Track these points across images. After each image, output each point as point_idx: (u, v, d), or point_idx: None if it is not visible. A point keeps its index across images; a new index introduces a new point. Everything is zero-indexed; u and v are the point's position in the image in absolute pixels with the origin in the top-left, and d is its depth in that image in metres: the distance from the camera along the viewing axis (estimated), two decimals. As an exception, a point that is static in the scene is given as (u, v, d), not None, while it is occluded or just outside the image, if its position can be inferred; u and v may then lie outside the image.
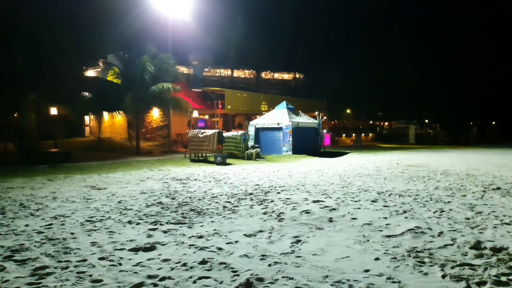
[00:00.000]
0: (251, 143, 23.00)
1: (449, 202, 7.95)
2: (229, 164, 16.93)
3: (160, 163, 17.36)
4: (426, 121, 49.03)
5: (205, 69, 56.26)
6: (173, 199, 8.47)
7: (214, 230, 5.87)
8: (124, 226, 6.00)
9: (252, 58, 44.58)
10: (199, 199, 8.36)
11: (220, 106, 34.46)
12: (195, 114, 27.36)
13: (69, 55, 21.23)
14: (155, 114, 30.44)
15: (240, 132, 20.63)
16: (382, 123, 55.03)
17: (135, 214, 6.85)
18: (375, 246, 5.09)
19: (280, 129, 22.31)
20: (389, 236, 5.52)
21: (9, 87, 19.94)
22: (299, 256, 4.63)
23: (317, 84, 44.87)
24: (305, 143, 22.15)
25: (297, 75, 52.69)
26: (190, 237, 5.39)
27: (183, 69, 54.34)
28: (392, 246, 5.04)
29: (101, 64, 33.77)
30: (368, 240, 5.35)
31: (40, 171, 14.38)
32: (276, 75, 59.31)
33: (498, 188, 9.79)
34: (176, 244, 5.03)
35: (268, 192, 9.26)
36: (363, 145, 38.17)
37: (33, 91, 21.39)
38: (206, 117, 40.94)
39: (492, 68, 43.60)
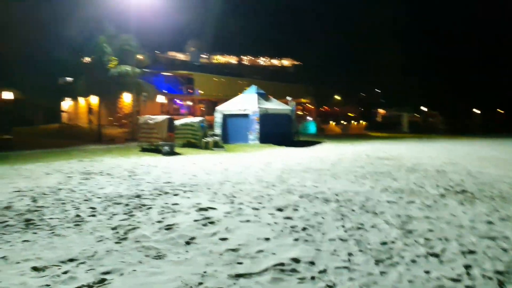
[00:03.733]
0: (218, 130, 21.08)
1: (382, 212, 6.01)
2: (177, 154, 15.02)
3: (105, 153, 15.51)
4: (425, 108, 46.51)
5: (202, 55, 54.11)
6: (34, 201, 6.63)
7: (1, 257, 4.04)
8: None
9: (234, 42, 42.49)
10: (64, 203, 6.51)
11: (192, 91, 32.42)
12: (161, 99, 25.38)
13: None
14: (127, 99, 28.55)
15: (198, 118, 18.64)
16: (376, 110, 52.61)
17: None
18: (199, 298, 3.20)
19: (247, 115, 20.26)
20: (239, 276, 3.63)
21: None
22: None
23: (305, 68, 42.72)
24: (275, 131, 20.06)
25: (286, 61, 50.56)
26: None
27: (180, 56, 52.32)
28: (221, 301, 3.15)
29: None
30: (200, 284, 3.46)
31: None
32: (275, 62, 57.10)
33: (463, 191, 7.81)
34: None
35: (166, 193, 7.37)
36: (351, 134, 36.02)
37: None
38: (189, 103, 39.03)
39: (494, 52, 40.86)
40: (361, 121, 46.08)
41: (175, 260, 4.08)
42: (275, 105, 21.64)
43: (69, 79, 27.01)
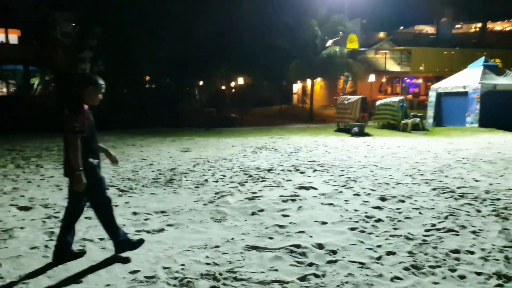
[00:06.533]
0: (430, 111, 19.01)
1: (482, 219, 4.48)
2: (366, 135, 14.59)
3: (299, 131, 16.79)
4: None
5: (457, 26, 47.67)
6: (194, 166, 8.28)
7: (126, 202, 5.49)
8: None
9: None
10: (209, 169, 7.82)
11: (409, 68, 29.55)
12: (371, 78, 24.54)
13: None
14: (346, 81, 29.21)
15: (398, 98, 17.20)
16: None
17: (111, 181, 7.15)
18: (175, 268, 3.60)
19: (466, 93, 17.20)
20: (253, 248, 3.76)
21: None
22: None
23: None
24: (504, 113, 16.14)
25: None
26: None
27: (427, 29, 48.04)
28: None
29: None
30: (216, 247, 3.81)
31: (188, 133, 16.55)
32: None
33: None
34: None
35: (297, 170, 7.65)
36: None
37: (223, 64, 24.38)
38: (420, 81, 36.17)
39: None
40: None
41: (226, 225, 4.49)
42: (509, 80, 17.51)
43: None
